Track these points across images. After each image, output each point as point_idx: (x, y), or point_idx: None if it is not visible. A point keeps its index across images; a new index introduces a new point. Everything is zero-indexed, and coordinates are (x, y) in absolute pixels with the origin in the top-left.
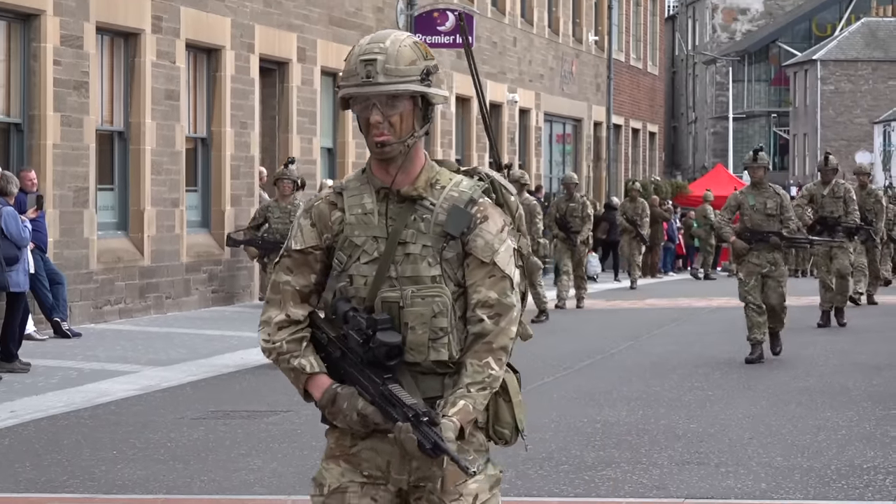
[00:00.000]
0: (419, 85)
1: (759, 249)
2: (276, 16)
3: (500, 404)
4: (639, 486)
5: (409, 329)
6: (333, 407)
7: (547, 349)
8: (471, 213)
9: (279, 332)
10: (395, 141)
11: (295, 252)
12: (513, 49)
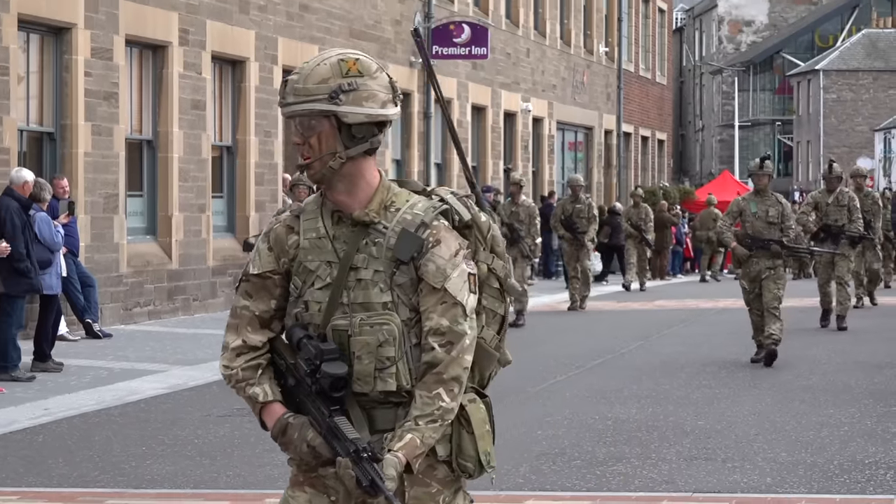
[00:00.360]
0: (325, 104)
1: (760, 256)
2: (299, 29)
3: (464, 436)
4: (648, 481)
5: (356, 359)
6: (284, 437)
7: (560, 348)
8: (421, 237)
9: (237, 359)
10: (315, 161)
11: (253, 276)
12: (526, 60)
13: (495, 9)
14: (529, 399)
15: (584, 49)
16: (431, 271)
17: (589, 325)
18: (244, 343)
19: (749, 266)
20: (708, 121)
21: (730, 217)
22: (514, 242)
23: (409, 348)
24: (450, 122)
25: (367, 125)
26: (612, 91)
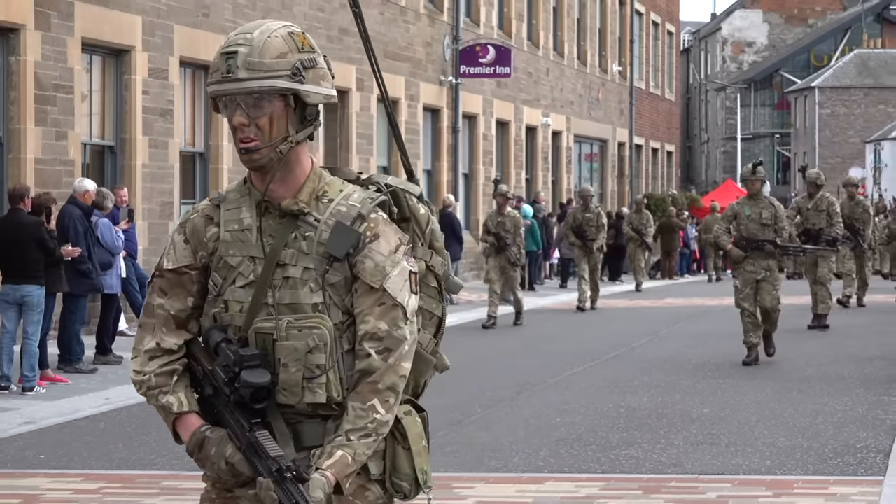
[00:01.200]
0: (288, 81)
1: (755, 257)
2: (338, 50)
3: (399, 453)
4: (658, 464)
5: (282, 366)
6: (201, 453)
7: (577, 343)
8: (358, 231)
9: (150, 363)
10: (264, 146)
11: (167, 272)
12: (546, 78)
13: (517, 31)
14: (549, 389)
15: (599, 68)
16: (369, 269)
17: (603, 321)
18: (158, 345)
19: (744, 266)
20: (713, 134)
21: (725, 221)
22: (501, 250)
23: (340, 355)
24: (388, 109)
25: (316, 107)
26: (625, 107)
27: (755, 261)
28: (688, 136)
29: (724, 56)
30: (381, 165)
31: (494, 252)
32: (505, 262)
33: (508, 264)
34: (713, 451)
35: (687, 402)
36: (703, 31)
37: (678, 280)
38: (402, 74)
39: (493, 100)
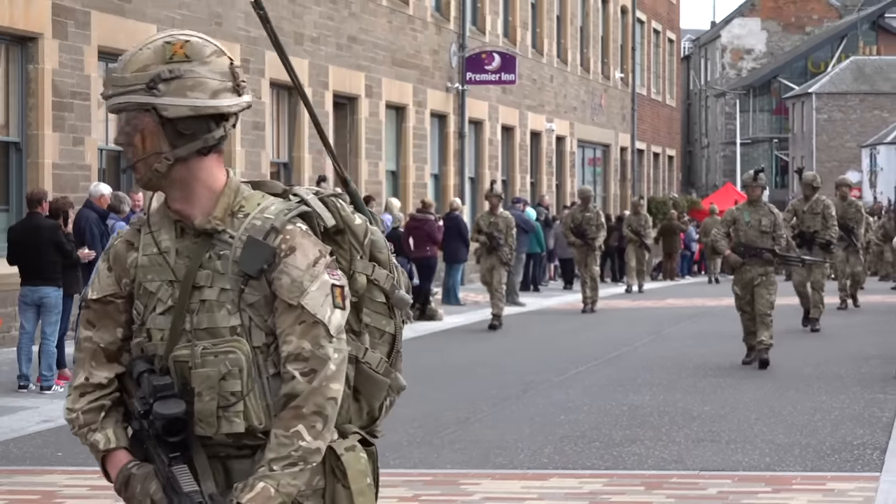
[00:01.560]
0: (143, 95)
1: (752, 264)
2: (347, 58)
3: (339, 491)
4: (660, 460)
5: (197, 395)
6: (127, 491)
7: (580, 343)
8: (272, 245)
9: (80, 400)
10: (139, 163)
11: (93, 302)
12: (550, 85)
13: (522, 39)
14: (553, 388)
15: (602, 75)
16: (286, 285)
17: (606, 321)
18: (87, 380)
19: (742, 273)
20: (712, 138)
21: (724, 226)
22: (493, 250)
23: (266, 379)
24: (306, 101)
25: (197, 120)
26: (627, 112)
27: (752, 267)
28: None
29: (723, 63)
30: (390, 170)
31: (486, 252)
32: (496, 261)
33: (500, 264)
34: (714, 447)
35: (688, 401)
36: (702, 39)
37: (679, 281)
38: (410, 81)
39: (499, 106)
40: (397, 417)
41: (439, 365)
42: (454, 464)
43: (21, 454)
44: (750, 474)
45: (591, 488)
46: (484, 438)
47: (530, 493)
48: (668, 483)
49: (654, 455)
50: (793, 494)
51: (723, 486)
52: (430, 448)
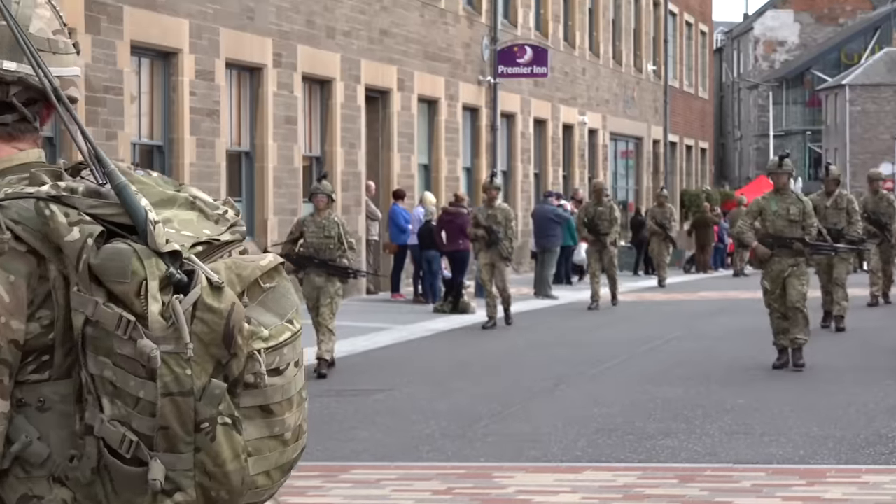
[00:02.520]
0: None
1: (782, 255)
2: (379, 52)
3: None
4: (693, 453)
5: None
6: None
7: (613, 336)
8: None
9: None
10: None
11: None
12: (582, 78)
13: (554, 32)
14: (586, 381)
15: (634, 68)
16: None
17: (639, 315)
18: None
19: (771, 265)
20: (745, 131)
21: (750, 216)
22: (493, 244)
23: None
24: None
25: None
26: (660, 105)
27: (782, 259)
28: (721, 134)
29: (756, 55)
30: (422, 164)
31: (485, 247)
32: (496, 256)
33: (500, 259)
34: (747, 440)
35: (722, 393)
36: (735, 31)
37: (712, 274)
38: (442, 75)
39: (531, 99)
40: (430, 411)
41: (472, 358)
42: (488, 457)
43: None
44: (784, 467)
45: (625, 481)
46: (517, 431)
47: (563, 486)
48: (702, 476)
49: (688, 448)
50: (827, 487)
51: (757, 478)
52: (464, 441)
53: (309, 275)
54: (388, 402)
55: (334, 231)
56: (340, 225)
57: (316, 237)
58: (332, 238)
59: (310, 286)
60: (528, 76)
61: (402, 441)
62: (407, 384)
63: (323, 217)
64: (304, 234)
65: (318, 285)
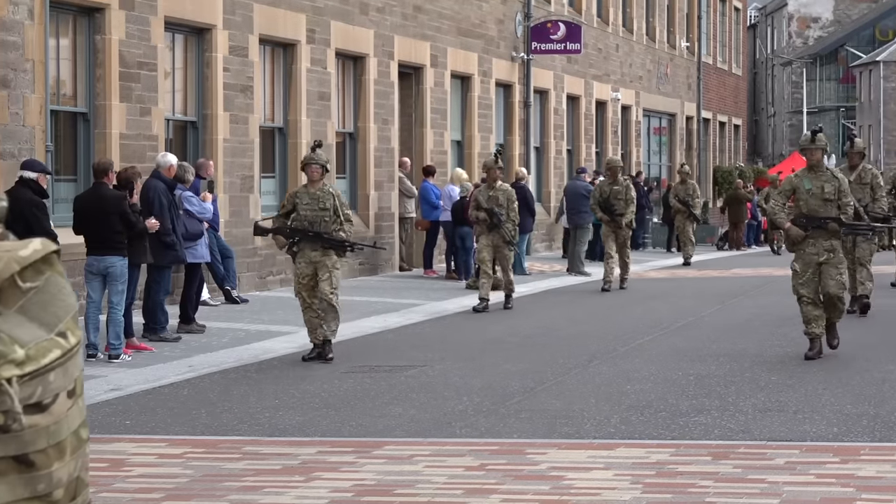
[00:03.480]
0: None
1: (816, 237)
2: (413, 28)
3: None
4: (726, 430)
5: None
6: None
7: (646, 313)
8: None
9: None
10: None
11: None
12: (615, 54)
13: (587, 8)
14: (620, 357)
15: (668, 44)
16: None
17: (671, 291)
18: None
19: (804, 247)
20: (779, 107)
21: (782, 196)
22: (495, 227)
23: None
24: None
25: None
26: (693, 81)
27: (816, 241)
28: (754, 110)
29: (790, 31)
30: (455, 140)
31: (487, 230)
32: (499, 239)
33: (503, 242)
34: (781, 417)
35: (755, 370)
36: (769, 7)
37: (745, 251)
38: (476, 51)
39: (564, 75)
40: (463, 387)
41: (505, 334)
42: (520, 433)
43: (90, 422)
44: (818, 444)
45: (658, 458)
46: (550, 408)
47: (597, 462)
48: (735, 453)
49: (721, 425)
50: (861, 465)
51: (790, 456)
52: (497, 417)
53: (303, 249)
54: (420, 378)
55: (329, 203)
56: (336, 196)
57: (310, 209)
58: (327, 210)
59: (304, 260)
60: (562, 52)
61: (435, 417)
62: (440, 360)
63: (317, 188)
64: (296, 206)
65: (314, 259)
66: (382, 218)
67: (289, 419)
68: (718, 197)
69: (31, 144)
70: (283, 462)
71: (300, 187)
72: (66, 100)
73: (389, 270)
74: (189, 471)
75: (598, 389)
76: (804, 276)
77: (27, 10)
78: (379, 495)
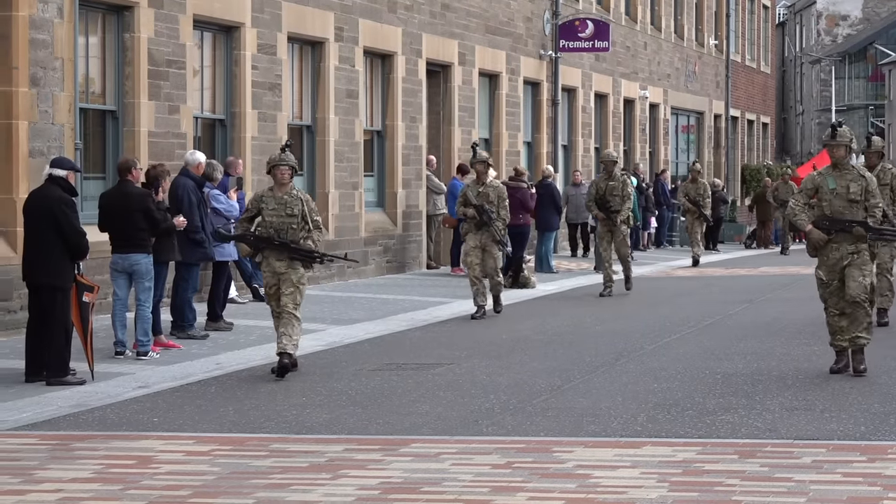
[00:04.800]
0: None
1: (840, 241)
2: (441, 25)
3: None
4: (753, 429)
5: None
6: None
7: (674, 311)
8: None
9: None
10: None
11: None
12: (644, 52)
13: (616, 6)
14: (647, 356)
15: (696, 42)
16: None
17: (699, 289)
18: None
19: (827, 252)
20: (807, 106)
21: (803, 196)
22: (484, 226)
23: None
24: None
25: None
26: (721, 79)
27: (840, 245)
28: (783, 108)
29: (818, 29)
30: (483, 138)
31: (475, 228)
32: (487, 239)
33: (492, 242)
34: (808, 416)
35: (782, 369)
36: (798, 5)
37: (773, 249)
38: (504, 49)
39: (592, 73)
40: (490, 385)
41: (532, 332)
42: (547, 431)
43: (118, 419)
44: (845, 443)
45: (685, 456)
46: (577, 406)
47: (623, 461)
48: (762, 452)
49: (748, 423)
50: (888, 464)
51: (817, 454)
52: (524, 415)
53: (268, 258)
54: (448, 375)
55: (298, 209)
56: (305, 202)
57: (276, 215)
58: (295, 217)
59: (269, 271)
60: (590, 50)
61: (462, 415)
62: (467, 358)
63: (285, 192)
64: (262, 211)
65: (278, 271)
66: (410, 216)
67: (316, 417)
68: (746, 195)
69: (61, 142)
70: (310, 460)
71: (266, 190)
72: (95, 98)
73: (417, 268)
74: (216, 468)
75: (624, 388)
76: (831, 286)
77: (56, 8)
78: (406, 493)
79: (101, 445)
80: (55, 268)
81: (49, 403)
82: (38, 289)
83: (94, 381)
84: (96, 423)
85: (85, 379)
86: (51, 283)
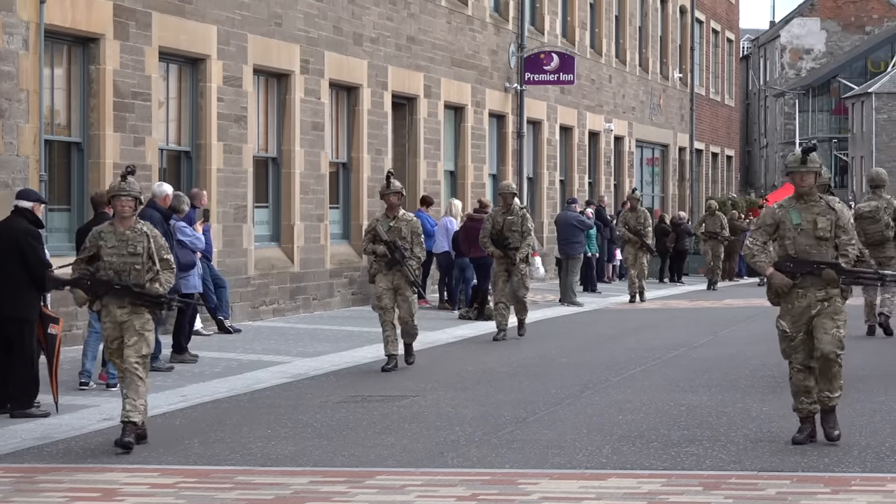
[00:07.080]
0: None
1: (807, 286)
2: (406, 58)
3: None
4: (718, 461)
5: None
6: None
7: (638, 343)
8: None
9: None
10: None
11: None
12: (608, 85)
13: (581, 39)
14: (611, 388)
15: (661, 75)
16: None
17: (664, 321)
18: None
19: (791, 299)
20: (771, 138)
21: (762, 233)
22: (396, 264)
23: None
24: None
25: None
26: (686, 112)
27: (807, 290)
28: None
29: (782, 63)
30: (449, 170)
31: (385, 267)
32: (400, 280)
33: (405, 284)
34: (772, 448)
35: (746, 401)
36: (762, 39)
37: (739, 282)
38: (469, 81)
39: (557, 106)
40: (455, 417)
41: (498, 364)
42: (512, 463)
43: (82, 452)
44: (809, 475)
45: (650, 488)
46: (542, 438)
47: (588, 492)
48: (727, 483)
49: (713, 455)
50: (852, 496)
51: (781, 486)
52: (489, 447)
53: (108, 306)
54: (413, 408)
55: (142, 246)
56: (152, 237)
57: (117, 254)
58: (138, 256)
59: (110, 321)
60: (555, 83)
61: (428, 447)
62: (432, 390)
63: (127, 227)
64: (100, 250)
65: (120, 320)
66: None
67: (281, 449)
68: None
69: (26, 174)
70: (275, 492)
71: (105, 225)
72: (61, 129)
73: None
74: (181, 500)
75: (589, 420)
76: (796, 339)
77: (22, 40)
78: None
79: (66, 478)
80: (21, 300)
81: (13, 436)
82: (4, 321)
83: (58, 413)
84: (61, 456)
85: (49, 411)
86: (17, 316)
